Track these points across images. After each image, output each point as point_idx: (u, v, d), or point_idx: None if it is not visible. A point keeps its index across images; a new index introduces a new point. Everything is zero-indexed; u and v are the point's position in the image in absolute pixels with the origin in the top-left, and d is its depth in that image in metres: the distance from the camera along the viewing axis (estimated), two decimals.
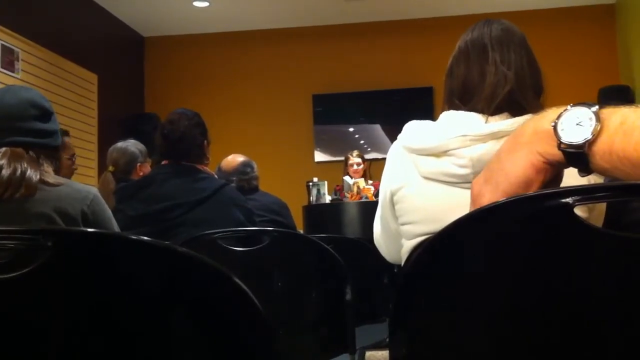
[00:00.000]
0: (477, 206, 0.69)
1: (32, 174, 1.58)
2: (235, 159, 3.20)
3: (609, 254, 0.56)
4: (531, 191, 0.64)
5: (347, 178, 4.70)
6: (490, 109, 1.20)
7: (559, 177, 0.67)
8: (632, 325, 0.57)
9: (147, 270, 0.66)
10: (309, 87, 6.35)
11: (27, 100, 1.67)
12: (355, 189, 4.45)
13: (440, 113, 1.30)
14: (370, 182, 4.65)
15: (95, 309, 0.66)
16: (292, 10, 6.05)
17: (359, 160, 4.92)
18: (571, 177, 0.69)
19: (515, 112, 1.19)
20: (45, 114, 1.70)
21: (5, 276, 0.60)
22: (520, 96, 1.20)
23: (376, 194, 4.43)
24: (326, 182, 4.63)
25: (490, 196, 0.67)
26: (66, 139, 2.77)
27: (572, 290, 0.58)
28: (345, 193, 4.57)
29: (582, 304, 0.58)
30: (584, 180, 0.68)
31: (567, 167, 0.64)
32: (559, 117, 0.63)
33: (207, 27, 6.40)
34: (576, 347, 0.59)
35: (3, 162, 1.58)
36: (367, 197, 4.40)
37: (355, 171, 4.85)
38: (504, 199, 0.60)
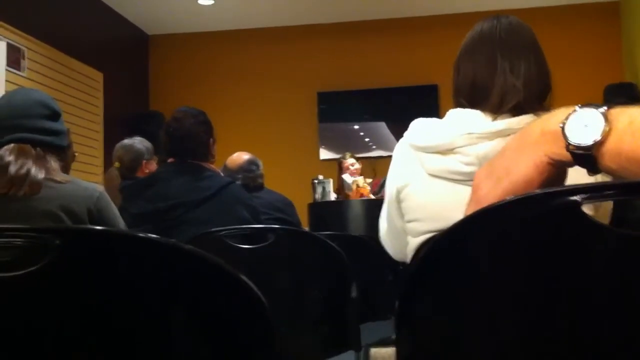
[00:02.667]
0: (475, 198, 0.69)
1: (37, 172, 1.59)
2: (240, 157, 3.20)
3: (616, 252, 0.55)
4: (532, 190, 0.64)
5: (346, 177, 4.69)
6: (497, 114, 1.20)
7: (562, 176, 0.67)
8: (636, 323, 0.56)
9: (154, 267, 0.66)
10: (314, 85, 6.35)
11: (36, 100, 1.69)
12: (354, 187, 4.45)
13: (449, 109, 1.29)
14: (369, 180, 4.64)
15: (102, 306, 0.66)
16: (296, 8, 6.05)
17: (353, 160, 4.92)
18: (578, 173, 0.69)
19: (520, 113, 1.19)
20: (54, 114, 1.71)
21: (13, 274, 0.60)
22: (527, 105, 1.20)
23: (375, 192, 4.44)
24: (331, 180, 4.63)
25: (488, 190, 0.68)
26: None
27: (580, 288, 0.58)
28: (347, 191, 4.55)
29: (589, 302, 0.58)
30: (590, 178, 0.68)
31: (572, 166, 0.64)
32: (567, 118, 0.63)
33: (212, 25, 6.40)
34: (582, 345, 0.59)
35: (11, 158, 1.58)
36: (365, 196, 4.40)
37: (353, 172, 4.85)
38: (512, 197, 0.60)
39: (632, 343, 0.57)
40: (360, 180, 4.51)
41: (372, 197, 4.39)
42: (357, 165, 4.91)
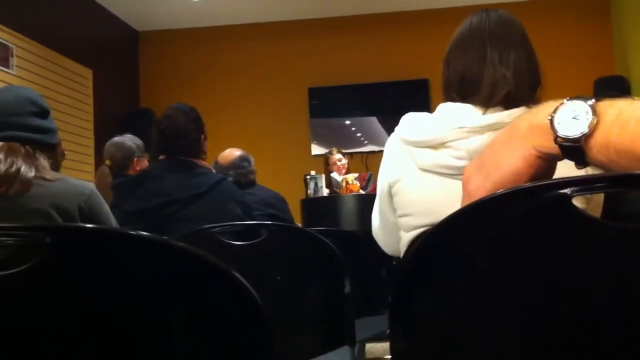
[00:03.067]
0: (466, 192, 0.70)
1: (27, 170, 1.58)
2: (232, 153, 3.19)
3: (607, 245, 0.56)
4: (521, 184, 0.64)
5: (334, 175, 4.69)
6: (488, 106, 1.21)
7: (551, 170, 0.67)
8: (630, 317, 0.57)
9: (146, 265, 0.66)
10: (305, 81, 6.34)
11: (25, 98, 1.68)
12: (344, 184, 4.45)
13: (439, 103, 1.29)
14: (356, 174, 4.62)
15: (93, 305, 0.65)
16: (287, 4, 6.04)
17: (340, 156, 4.90)
18: (567, 168, 0.69)
19: (512, 106, 1.19)
20: (43, 112, 1.70)
21: (3, 273, 0.60)
22: (517, 96, 1.20)
23: (364, 187, 4.44)
24: (323, 176, 4.62)
25: (478, 184, 0.68)
26: None
27: (571, 281, 0.58)
28: (336, 189, 4.55)
29: (581, 295, 0.58)
30: (580, 172, 0.69)
31: (561, 159, 0.65)
32: (555, 110, 0.63)
33: (202, 21, 6.38)
34: (575, 339, 0.59)
35: (0, 156, 1.57)
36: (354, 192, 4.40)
37: (340, 168, 4.83)
38: (502, 191, 0.60)
39: (626, 337, 0.57)
40: (349, 177, 4.51)
41: (362, 192, 4.39)
42: (344, 161, 4.90)
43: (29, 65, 4.64)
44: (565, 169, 0.68)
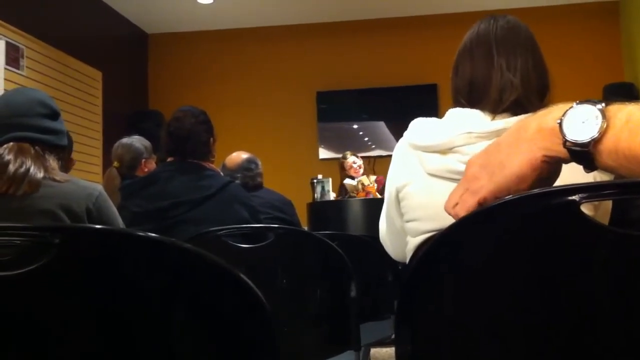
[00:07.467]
0: (471, 189, 0.69)
1: (36, 171, 1.59)
2: (239, 156, 3.20)
3: (615, 252, 0.55)
4: (524, 186, 0.64)
5: (348, 180, 4.67)
6: (497, 112, 1.21)
7: (556, 173, 0.67)
8: (636, 323, 0.56)
9: (153, 266, 0.66)
10: (313, 85, 6.35)
11: (35, 99, 1.69)
12: (360, 186, 4.44)
13: (449, 108, 1.29)
14: (373, 177, 4.62)
15: (101, 305, 0.66)
16: (296, 7, 6.05)
17: (354, 158, 4.87)
18: (572, 172, 0.69)
19: (520, 112, 1.19)
20: (53, 114, 1.72)
21: (12, 273, 0.61)
22: (526, 101, 1.20)
23: (380, 190, 4.43)
24: (330, 179, 4.63)
25: (482, 184, 0.68)
26: None
27: (578, 287, 0.58)
28: (352, 194, 4.52)
29: (587, 302, 0.58)
30: (588, 177, 0.68)
31: (568, 163, 0.64)
32: (564, 114, 0.63)
33: (211, 24, 6.40)
34: (580, 345, 0.59)
35: (10, 157, 1.59)
36: (372, 195, 4.39)
37: (356, 170, 4.82)
38: (510, 197, 0.60)
39: (632, 343, 0.57)
40: (364, 179, 4.50)
41: (379, 195, 4.36)
42: (359, 162, 4.88)
43: (39, 67, 4.67)
44: (570, 172, 0.68)
